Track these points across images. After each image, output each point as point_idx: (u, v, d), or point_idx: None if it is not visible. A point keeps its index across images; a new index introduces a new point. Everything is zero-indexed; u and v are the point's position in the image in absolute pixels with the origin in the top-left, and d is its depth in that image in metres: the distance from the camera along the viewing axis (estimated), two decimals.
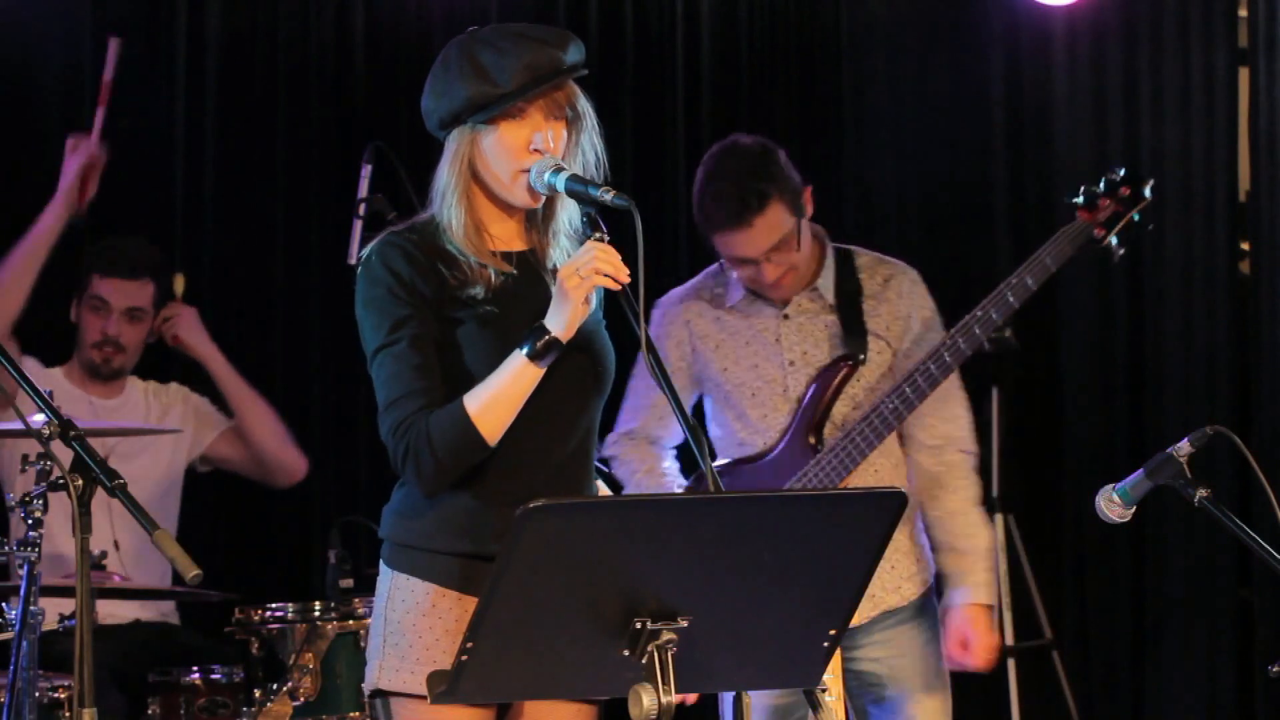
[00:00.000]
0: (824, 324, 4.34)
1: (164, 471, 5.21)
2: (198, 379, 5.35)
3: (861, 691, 4.31)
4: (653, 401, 4.36)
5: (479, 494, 3.18)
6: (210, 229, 5.65)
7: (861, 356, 4.29)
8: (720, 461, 4.35)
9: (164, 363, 5.43)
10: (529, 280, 3.26)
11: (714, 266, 4.45)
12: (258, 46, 5.75)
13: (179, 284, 5.34)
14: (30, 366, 5.17)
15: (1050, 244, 4.39)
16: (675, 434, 4.40)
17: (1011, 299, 4.30)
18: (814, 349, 4.33)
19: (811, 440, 4.29)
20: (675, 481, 4.38)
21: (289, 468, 5.30)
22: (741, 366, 4.34)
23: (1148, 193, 4.36)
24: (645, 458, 4.40)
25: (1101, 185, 4.41)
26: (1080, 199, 4.40)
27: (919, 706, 4.30)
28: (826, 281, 4.35)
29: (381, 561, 3.28)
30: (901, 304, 4.36)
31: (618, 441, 4.39)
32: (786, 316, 4.34)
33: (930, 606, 4.37)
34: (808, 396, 4.30)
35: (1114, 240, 4.39)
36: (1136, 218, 4.39)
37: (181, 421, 5.25)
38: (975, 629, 4.29)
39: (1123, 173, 4.42)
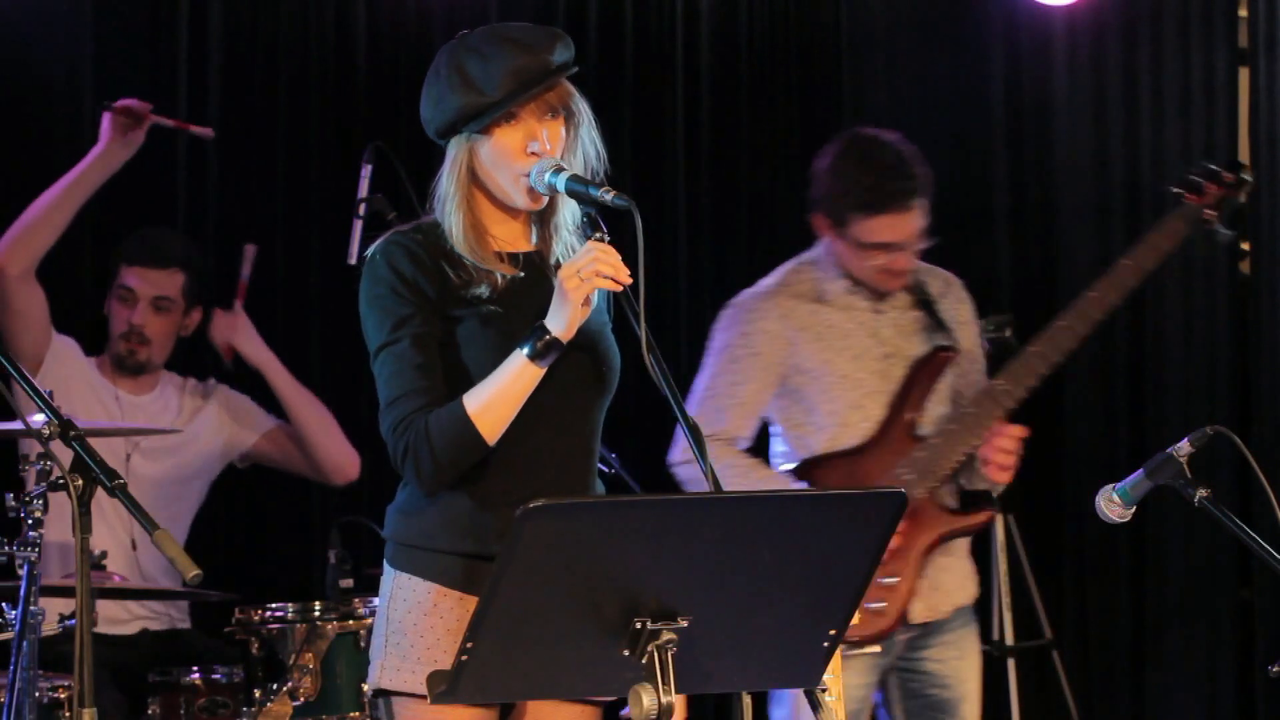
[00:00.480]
0: (912, 319, 4.40)
1: (193, 471, 5.17)
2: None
3: (924, 691, 4.35)
4: (740, 400, 4.37)
5: (482, 494, 3.18)
6: (211, 229, 5.65)
7: (954, 348, 4.38)
8: (813, 455, 4.38)
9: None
10: (535, 280, 3.26)
11: (793, 263, 4.49)
12: (258, 46, 5.75)
13: (248, 259, 5.24)
14: (66, 348, 5.11)
15: (1160, 227, 4.41)
16: (754, 435, 4.43)
17: (1132, 282, 4.34)
18: (906, 342, 4.39)
19: (909, 417, 4.34)
20: (783, 474, 4.38)
21: (344, 468, 5.25)
22: (844, 358, 4.37)
23: (1247, 176, 4.42)
24: (741, 455, 4.39)
25: (1201, 172, 4.45)
26: (1185, 187, 4.44)
27: (972, 709, 4.35)
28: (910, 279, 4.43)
29: (385, 561, 3.29)
30: (963, 310, 4.47)
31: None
32: (881, 311, 4.40)
33: (975, 607, 4.43)
34: (903, 385, 4.35)
35: (1223, 224, 4.42)
36: (1241, 200, 4.44)
37: (218, 424, 5.20)
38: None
39: (1212, 165, 4.46)
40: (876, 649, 4.24)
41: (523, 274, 3.26)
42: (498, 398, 3.12)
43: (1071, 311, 4.33)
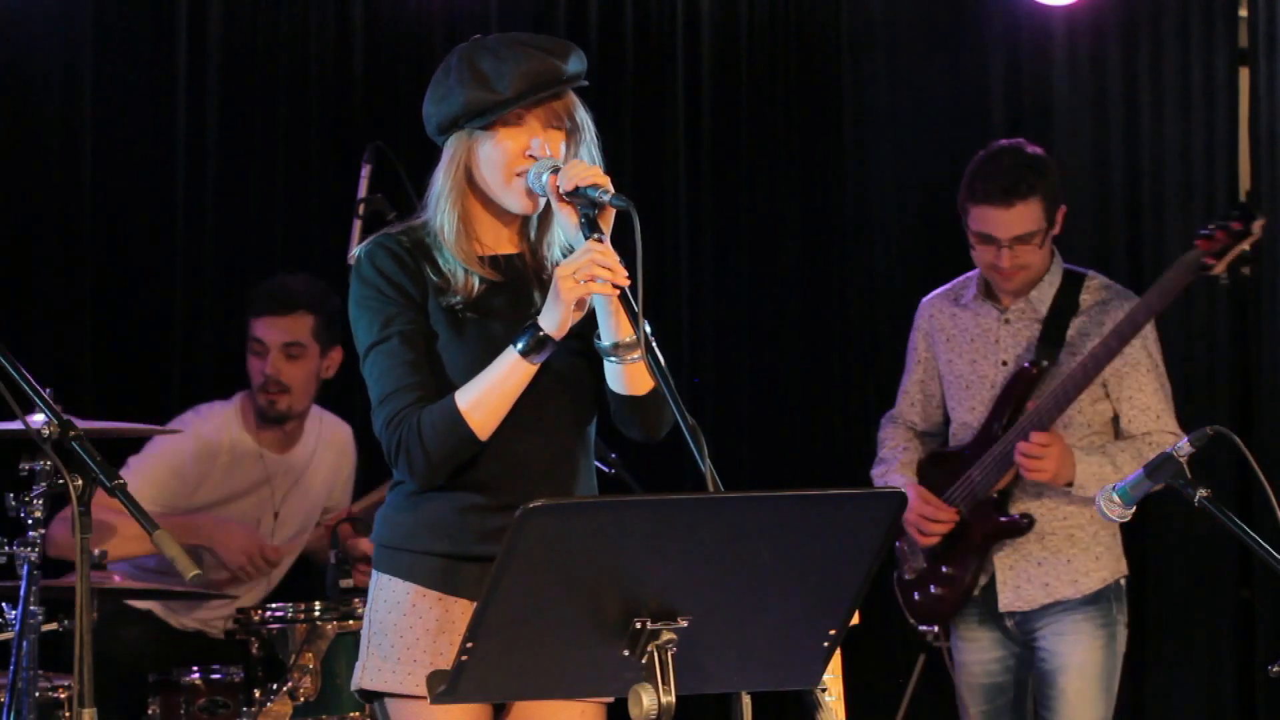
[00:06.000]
0: (1032, 332, 4.66)
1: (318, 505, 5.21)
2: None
3: (1037, 663, 4.65)
4: (904, 388, 4.88)
5: (462, 496, 3.21)
6: (211, 229, 5.65)
7: (1045, 363, 4.61)
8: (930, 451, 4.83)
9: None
10: (515, 284, 3.27)
11: (974, 272, 4.79)
12: (258, 46, 5.75)
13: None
14: (199, 432, 5.04)
15: (1168, 272, 4.59)
16: (929, 419, 4.87)
17: (1144, 322, 4.55)
18: (1024, 353, 4.65)
19: (999, 434, 4.63)
20: (899, 459, 4.80)
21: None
22: (963, 360, 4.75)
23: (1255, 229, 4.55)
24: (894, 436, 4.87)
25: (1218, 219, 4.64)
26: (1204, 230, 4.61)
27: (1071, 680, 4.60)
28: (1041, 294, 4.69)
29: (372, 564, 3.31)
30: (1105, 318, 4.63)
31: (884, 423, 4.91)
32: (1007, 321, 4.71)
33: (1105, 601, 4.64)
34: (999, 396, 4.66)
35: (1224, 271, 4.56)
36: (1248, 250, 4.57)
37: (336, 471, 5.21)
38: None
39: (1232, 213, 4.61)
40: (934, 629, 4.74)
41: (503, 278, 3.26)
42: (489, 394, 3.13)
43: (1099, 348, 4.52)
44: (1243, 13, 6.17)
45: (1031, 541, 4.62)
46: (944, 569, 4.71)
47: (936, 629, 4.75)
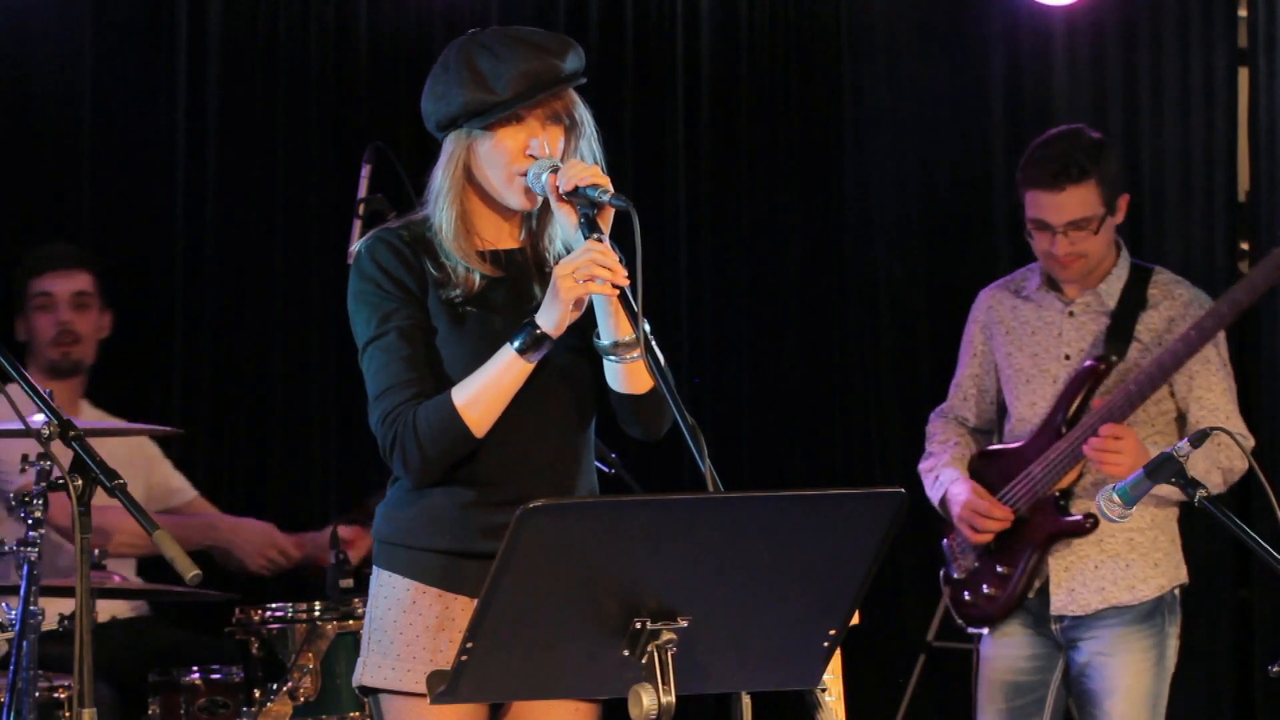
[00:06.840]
0: (1099, 325, 4.55)
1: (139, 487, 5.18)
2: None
3: (1078, 679, 4.51)
4: (956, 382, 4.73)
5: (463, 492, 3.20)
6: (211, 229, 5.65)
7: (1115, 358, 4.50)
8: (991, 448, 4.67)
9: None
10: (515, 279, 3.27)
11: (1036, 263, 4.68)
12: (258, 46, 5.75)
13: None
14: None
15: (1257, 267, 4.48)
16: (981, 415, 4.71)
17: (1231, 319, 4.44)
18: (1089, 347, 4.54)
19: (1063, 430, 4.50)
20: (949, 453, 4.65)
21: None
22: (1024, 353, 4.61)
23: None
24: (944, 431, 4.72)
25: None
26: None
27: (1116, 705, 4.47)
28: (1109, 287, 4.57)
29: (373, 560, 3.31)
30: (1173, 311, 4.53)
31: (932, 418, 4.76)
32: (1072, 314, 4.58)
33: (1159, 616, 4.54)
34: (1063, 391, 4.53)
35: None
36: None
37: (130, 459, 5.16)
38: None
39: None
40: (984, 630, 4.56)
41: (503, 273, 3.26)
42: (485, 391, 3.12)
43: (1180, 339, 4.41)
44: (1242, 13, 6.17)
45: (1089, 544, 4.47)
46: (999, 568, 4.54)
47: (986, 631, 4.58)
